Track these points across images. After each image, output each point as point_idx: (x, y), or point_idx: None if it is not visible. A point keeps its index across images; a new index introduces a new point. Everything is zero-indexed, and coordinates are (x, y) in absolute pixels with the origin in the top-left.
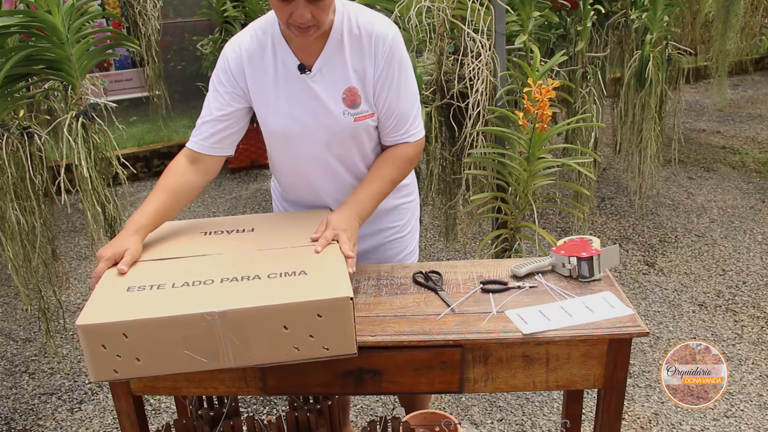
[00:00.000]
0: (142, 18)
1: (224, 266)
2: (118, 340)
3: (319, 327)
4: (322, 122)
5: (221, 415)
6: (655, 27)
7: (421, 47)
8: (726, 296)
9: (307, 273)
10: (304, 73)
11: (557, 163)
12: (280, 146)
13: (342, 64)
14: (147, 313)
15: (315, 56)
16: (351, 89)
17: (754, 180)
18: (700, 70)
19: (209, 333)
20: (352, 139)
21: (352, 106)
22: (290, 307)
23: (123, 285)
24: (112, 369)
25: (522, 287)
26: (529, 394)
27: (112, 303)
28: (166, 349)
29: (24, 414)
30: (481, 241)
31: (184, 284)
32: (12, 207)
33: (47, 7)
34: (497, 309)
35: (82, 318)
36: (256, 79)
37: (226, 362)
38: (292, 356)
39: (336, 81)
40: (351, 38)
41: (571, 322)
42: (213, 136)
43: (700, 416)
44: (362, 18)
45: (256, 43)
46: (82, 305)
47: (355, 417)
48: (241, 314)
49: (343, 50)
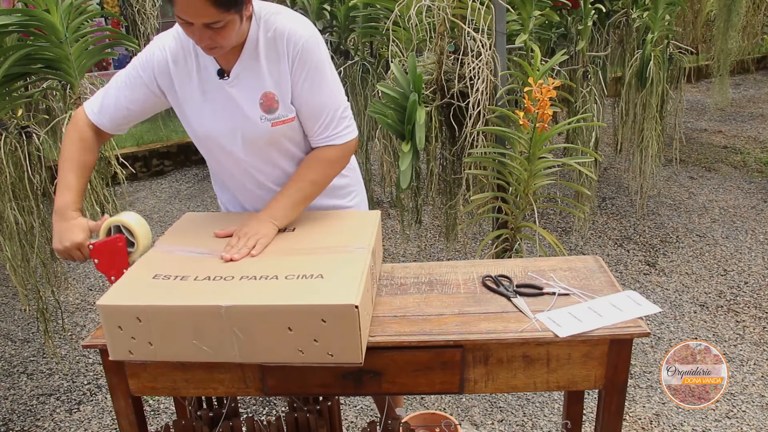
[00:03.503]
0: (141, 17)
1: (248, 264)
2: (132, 322)
3: (324, 332)
4: (241, 127)
5: (220, 415)
6: (656, 26)
7: (421, 46)
8: (727, 296)
9: (323, 276)
10: (222, 79)
11: (558, 162)
12: (206, 150)
13: (258, 69)
14: (160, 300)
15: (233, 62)
16: (267, 94)
17: (756, 180)
18: (701, 69)
19: (216, 326)
20: (271, 144)
21: (269, 111)
22: (294, 309)
23: (152, 272)
24: (128, 350)
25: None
26: (529, 394)
27: (135, 287)
28: (176, 337)
29: (22, 415)
30: (482, 241)
31: (206, 278)
32: (10, 207)
33: (46, 6)
34: (534, 316)
35: (104, 299)
36: (182, 83)
37: (231, 356)
38: (296, 358)
39: (253, 86)
40: (266, 42)
41: (603, 322)
42: (118, 120)
43: (702, 417)
44: (278, 21)
45: (180, 46)
46: (81, 305)
47: (355, 417)
48: (247, 311)
49: (258, 55)
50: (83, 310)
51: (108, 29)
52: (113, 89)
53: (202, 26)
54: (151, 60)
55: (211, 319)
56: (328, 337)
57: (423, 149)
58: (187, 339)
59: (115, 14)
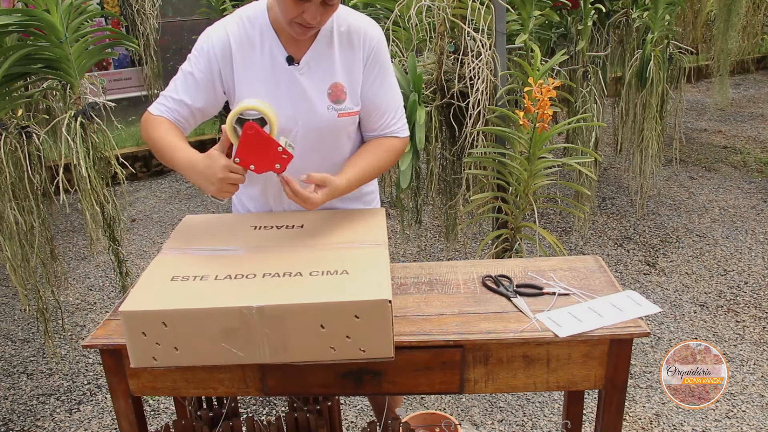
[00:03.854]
0: (141, 17)
1: (268, 262)
2: (157, 328)
3: (357, 328)
4: (305, 115)
5: (220, 415)
6: (656, 26)
7: (421, 46)
8: (727, 296)
9: (349, 273)
10: (291, 65)
11: (558, 162)
12: None
13: (330, 59)
14: (187, 304)
15: (304, 50)
16: (337, 85)
17: (756, 180)
18: (701, 69)
19: (246, 327)
20: (331, 135)
21: (337, 101)
22: (327, 306)
23: (168, 274)
24: (151, 356)
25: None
26: (529, 394)
27: (155, 291)
28: (204, 340)
29: (22, 415)
30: (482, 241)
31: (227, 277)
32: (10, 207)
33: (46, 6)
34: (534, 316)
35: (126, 305)
36: (244, 67)
37: (262, 357)
38: (328, 356)
39: (323, 75)
40: (340, 35)
41: (603, 322)
42: (182, 116)
43: (702, 417)
44: (351, 18)
45: (244, 33)
46: (81, 305)
47: (355, 417)
48: (278, 310)
49: (332, 46)
50: (83, 310)
51: (108, 29)
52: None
53: (319, 3)
54: (209, 49)
55: (242, 320)
56: (360, 333)
57: (423, 149)
58: (215, 342)
59: (115, 14)
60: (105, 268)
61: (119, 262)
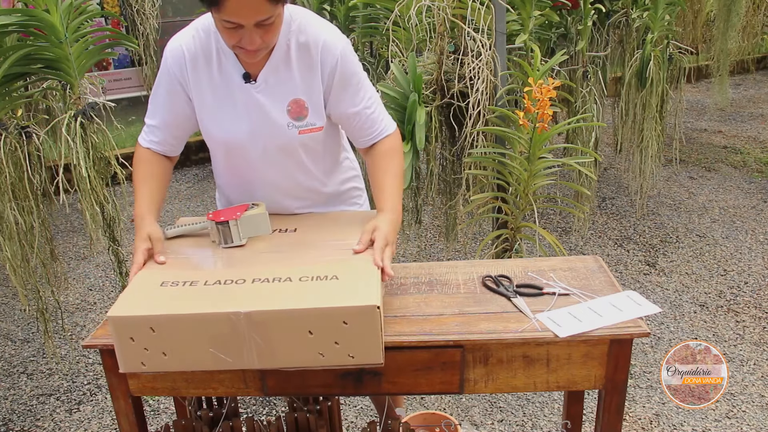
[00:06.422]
0: (141, 17)
1: (258, 266)
2: (145, 333)
3: (345, 334)
4: (265, 134)
5: (220, 415)
6: (656, 26)
7: (421, 46)
8: (727, 297)
9: (338, 278)
10: (248, 83)
11: (558, 162)
12: (222, 155)
13: (288, 74)
14: (174, 309)
15: (260, 66)
16: (297, 101)
17: (756, 180)
18: (701, 69)
19: (234, 333)
20: (294, 151)
21: (298, 118)
22: (315, 312)
23: (158, 279)
24: (140, 361)
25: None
26: (529, 394)
27: (144, 297)
28: (192, 346)
29: (22, 415)
30: (482, 241)
31: (216, 282)
32: (10, 207)
33: (45, 6)
34: (534, 316)
35: (114, 310)
36: (199, 85)
37: (250, 363)
38: (317, 362)
39: (282, 92)
40: (299, 48)
41: (603, 322)
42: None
43: (702, 417)
44: (310, 27)
45: (199, 46)
46: (81, 305)
47: (355, 417)
48: (266, 316)
49: (289, 61)
50: (83, 310)
51: (108, 29)
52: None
53: (253, 26)
54: (167, 69)
55: (230, 326)
56: (349, 339)
57: (423, 149)
58: (203, 347)
59: (115, 14)
60: (105, 268)
61: (119, 262)
